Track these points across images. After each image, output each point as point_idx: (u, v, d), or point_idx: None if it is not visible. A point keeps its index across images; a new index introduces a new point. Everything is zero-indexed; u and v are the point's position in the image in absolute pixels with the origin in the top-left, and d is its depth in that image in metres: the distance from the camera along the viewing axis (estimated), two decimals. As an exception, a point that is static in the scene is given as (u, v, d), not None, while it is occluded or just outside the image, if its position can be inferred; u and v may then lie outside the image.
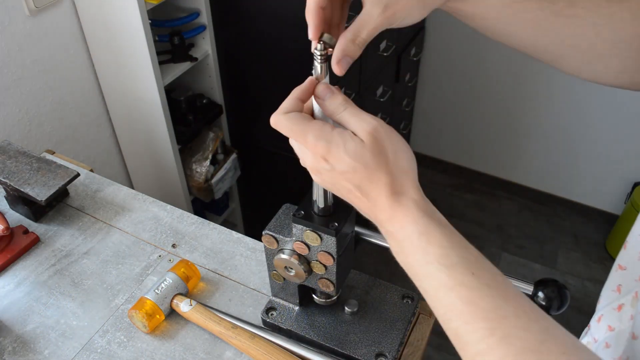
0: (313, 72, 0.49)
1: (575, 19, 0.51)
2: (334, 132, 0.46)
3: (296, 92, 0.48)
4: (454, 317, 0.42)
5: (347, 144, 0.45)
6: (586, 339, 0.58)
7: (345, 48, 0.47)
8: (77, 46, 1.43)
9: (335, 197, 0.59)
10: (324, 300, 0.78)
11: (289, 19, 1.42)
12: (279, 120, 0.47)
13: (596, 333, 0.56)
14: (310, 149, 0.46)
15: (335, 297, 0.78)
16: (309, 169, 0.50)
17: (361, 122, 0.46)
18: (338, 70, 0.47)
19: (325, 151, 0.45)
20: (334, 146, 0.45)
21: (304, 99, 0.49)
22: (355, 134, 0.46)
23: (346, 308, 0.78)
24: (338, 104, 0.47)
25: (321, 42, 0.47)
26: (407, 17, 0.48)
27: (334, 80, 0.49)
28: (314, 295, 0.78)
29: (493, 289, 0.41)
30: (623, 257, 0.55)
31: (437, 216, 0.45)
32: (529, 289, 0.66)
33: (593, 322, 0.58)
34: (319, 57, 0.47)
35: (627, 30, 0.50)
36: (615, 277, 0.55)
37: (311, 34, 0.48)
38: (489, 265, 0.43)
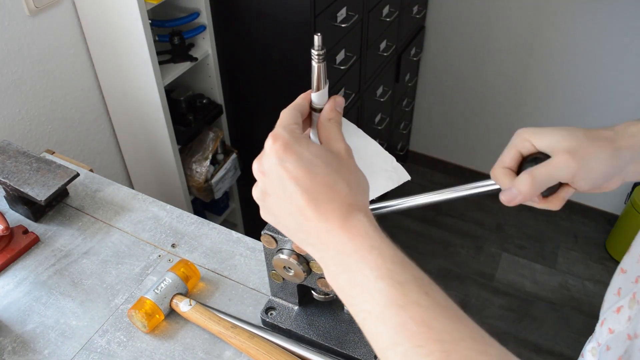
0: (311, 72, 0.49)
1: None
2: (303, 135, 0.44)
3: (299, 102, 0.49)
4: (403, 340, 0.37)
5: (310, 144, 0.44)
6: (592, 344, 0.58)
7: (523, 189, 0.49)
8: (77, 46, 1.43)
9: None
10: (323, 296, 0.78)
11: (289, 19, 1.42)
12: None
13: (600, 337, 0.56)
14: (271, 140, 0.43)
15: (334, 295, 0.78)
16: (255, 173, 0.45)
17: (341, 136, 0.46)
18: (505, 202, 0.50)
19: (283, 145, 0.43)
20: (296, 144, 0.43)
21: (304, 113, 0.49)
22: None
23: (346, 308, 0.78)
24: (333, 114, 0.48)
25: (319, 35, 0.46)
26: (589, 179, 0.50)
27: (334, 81, 0.48)
28: (313, 292, 0.78)
29: (447, 310, 0.38)
30: (626, 261, 0.55)
31: (385, 235, 0.43)
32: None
33: (597, 326, 0.58)
34: (316, 57, 0.46)
35: None
36: (616, 280, 0.56)
37: None
38: (438, 287, 0.40)
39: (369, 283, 0.39)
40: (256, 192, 0.46)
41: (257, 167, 0.45)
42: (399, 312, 0.38)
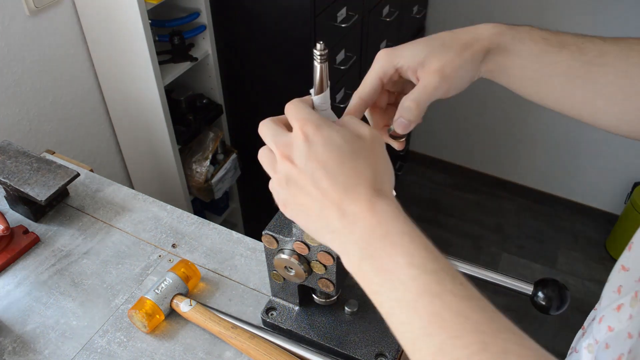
0: (313, 72, 0.49)
1: (607, 67, 0.51)
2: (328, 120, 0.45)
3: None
4: (438, 330, 0.35)
5: (339, 128, 0.43)
6: (588, 341, 0.58)
7: (407, 114, 0.50)
8: (77, 46, 1.43)
9: None
10: (324, 300, 0.78)
11: (289, 19, 1.42)
12: (290, 103, 0.47)
13: (597, 334, 0.55)
14: (298, 124, 0.43)
15: (335, 297, 0.78)
16: (279, 158, 0.44)
17: (364, 125, 0.46)
18: (401, 130, 0.52)
19: (314, 127, 0.42)
20: (326, 126, 0.43)
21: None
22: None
23: (346, 308, 0.78)
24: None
25: (320, 42, 0.46)
26: (458, 88, 0.52)
27: (335, 80, 0.48)
28: (314, 295, 0.78)
29: (482, 302, 0.36)
30: (627, 258, 0.54)
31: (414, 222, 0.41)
32: (529, 289, 0.66)
33: (595, 323, 0.57)
34: (318, 57, 0.46)
35: None
36: (617, 278, 0.55)
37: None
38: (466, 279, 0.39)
39: (399, 270, 0.38)
40: (278, 178, 0.44)
41: (281, 151, 0.44)
42: (434, 300, 0.36)
